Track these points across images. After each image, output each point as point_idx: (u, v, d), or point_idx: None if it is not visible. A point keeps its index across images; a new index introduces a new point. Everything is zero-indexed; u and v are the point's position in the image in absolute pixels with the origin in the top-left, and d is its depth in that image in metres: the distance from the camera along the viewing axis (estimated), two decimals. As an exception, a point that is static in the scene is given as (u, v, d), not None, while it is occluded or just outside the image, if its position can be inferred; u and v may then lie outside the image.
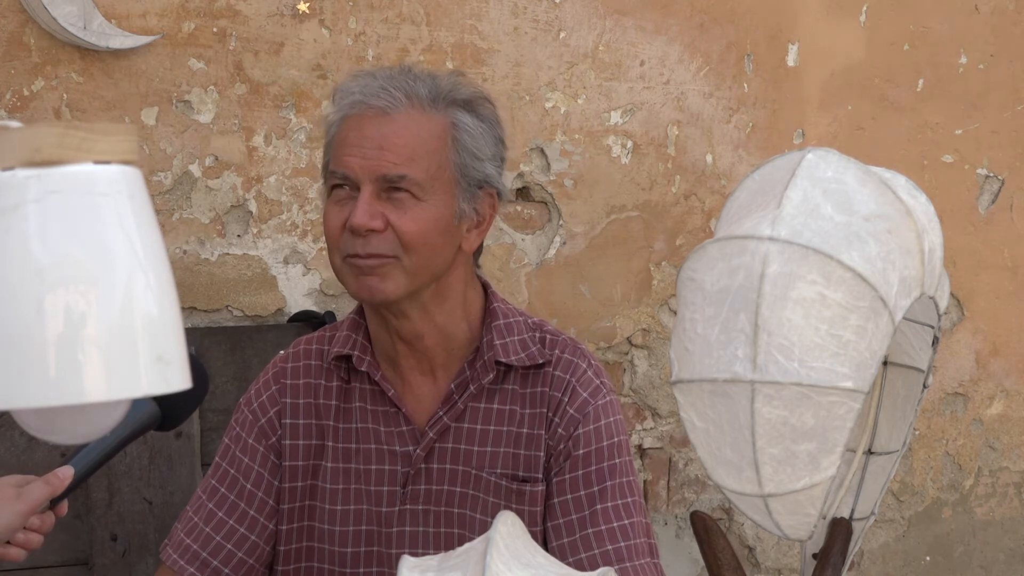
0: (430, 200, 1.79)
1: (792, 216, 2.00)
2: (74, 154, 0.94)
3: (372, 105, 1.79)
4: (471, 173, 1.83)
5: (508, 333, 1.91)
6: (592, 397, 1.90)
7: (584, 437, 1.88)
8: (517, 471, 1.89)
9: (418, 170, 1.78)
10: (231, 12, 2.57)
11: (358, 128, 1.80)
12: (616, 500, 1.87)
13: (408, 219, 1.78)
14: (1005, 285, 3.30)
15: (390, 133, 1.78)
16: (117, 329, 0.93)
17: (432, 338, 1.88)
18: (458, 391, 1.89)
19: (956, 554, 3.34)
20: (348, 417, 1.92)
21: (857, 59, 3.07)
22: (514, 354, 1.89)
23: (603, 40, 2.86)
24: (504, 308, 1.94)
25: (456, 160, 1.81)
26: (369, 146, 1.78)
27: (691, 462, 3.04)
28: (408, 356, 1.90)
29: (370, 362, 1.90)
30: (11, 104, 2.45)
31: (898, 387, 2.37)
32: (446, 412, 1.89)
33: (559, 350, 1.92)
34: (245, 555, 1.91)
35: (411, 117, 1.79)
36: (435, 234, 1.80)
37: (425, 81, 1.82)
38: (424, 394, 1.91)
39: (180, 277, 2.48)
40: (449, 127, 1.81)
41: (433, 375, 1.91)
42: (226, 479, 1.94)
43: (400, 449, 1.90)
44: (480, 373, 1.88)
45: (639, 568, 1.84)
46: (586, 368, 1.92)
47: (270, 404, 1.94)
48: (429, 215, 1.79)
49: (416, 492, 1.90)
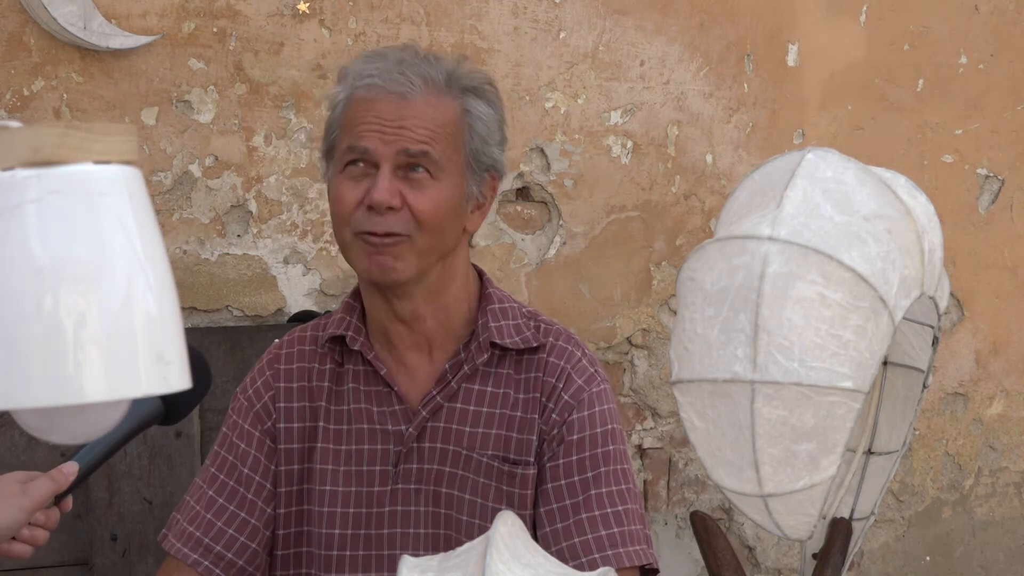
0: (445, 181, 1.82)
1: (792, 216, 2.00)
2: (74, 154, 0.95)
3: (390, 90, 1.81)
4: (481, 158, 1.86)
5: (503, 317, 1.93)
6: (587, 384, 1.91)
7: (578, 423, 1.89)
8: (508, 453, 1.89)
9: (437, 149, 1.81)
10: (231, 12, 2.57)
11: (373, 108, 1.82)
12: (610, 486, 1.87)
13: (424, 198, 1.80)
14: (1005, 285, 3.30)
15: (409, 114, 1.80)
16: (117, 329, 0.93)
17: (435, 319, 1.90)
18: (452, 371, 1.90)
19: (956, 554, 3.34)
20: (341, 399, 1.93)
21: (857, 59, 3.07)
22: (508, 337, 1.91)
23: (603, 40, 2.86)
24: (499, 294, 1.96)
25: (470, 145, 1.85)
26: (389, 125, 1.80)
27: (691, 462, 3.04)
28: (406, 337, 1.91)
29: (363, 342, 1.91)
30: (11, 104, 2.45)
31: (898, 387, 2.37)
32: (439, 392, 1.90)
33: (553, 337, 1.94)
34: (247, 540, 1.92)
35: (428, 102, 1.82)
36: (447, 215, 1.83)
37: (437, 65, 1.85)
38: (419, 374, 1.92)
39: (180, 277, 2.48)
40: (463, 113, 1.85)
41: (430, 355, 1.92)
42: (225, 466, 1.95)
43: (392, 428, 1.91)
44: (475, 354, 1.90)
45: (632, 554, 1.84)
46: (580, 356, 1.93)
47: (264, 389, 1.96)
48: (443, 195, 1.82)
49: (408, 471, 1.90)
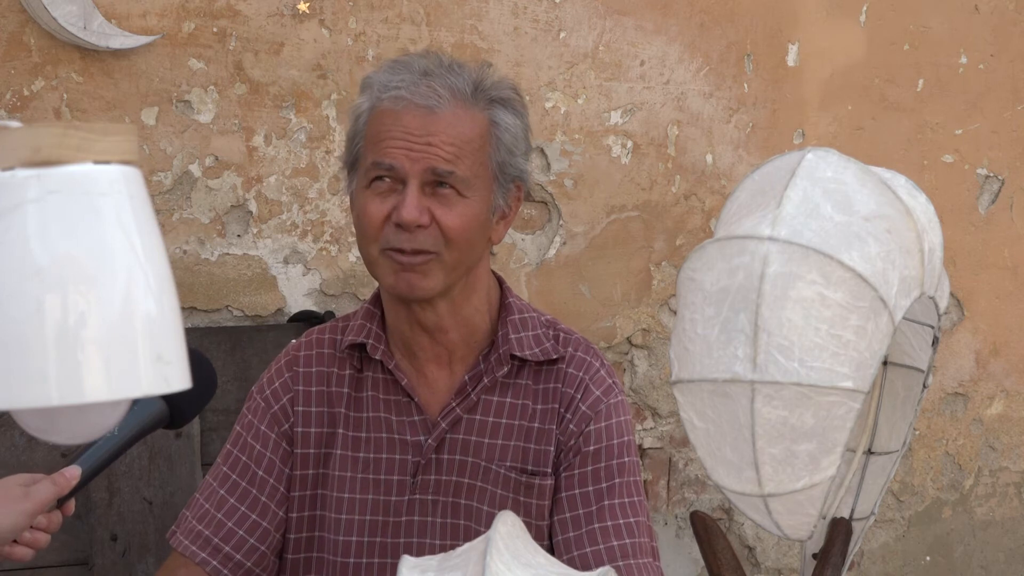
0: (473, 196, 1.81)
1: (792, 216, 2.00)
2: (74, 154, 0.94)
3: (417, 102, 1.78)
4: (508, 170, 1.85)
5: (523, 328, 1.92)
6: (605, 395, 1.92)
7: (595, 434, 1.89)
8: (526, 465, 1.90)
9: (464, 167, 1.79)
10: (231, 12, 2.57)
11: (399, 122, 1.79)
12: (623, 498, 1.88)
13: (453, 215, 1.79)
14: (1005, 285, 3.30)
15: (436, 130, 1.78)
16: (117, 329, 0.93)
17: (457, 332, 1.89)
18: (472, 383, 1.90)
19: (956, 554, 3.34)
20: (359, 406, 1.93)
21: (857, 59, 3.07)
22: (528, 349, 1.90)
23: (603, 40, 2.86)
24: (519, 304, 1.95)
25: (496, 158, 1.83)
26: (416, 140, 1.78)
27: (691, 462, 3.04)
28: (427, 348, 1.90)
29: (384, 351, 1.90)
30: (11, 104, 2.45)
31: (898, 387, 2.37)
32: (459, 403, 1.89)
33: (572, 348, 1.94)
34: (257, 541, 1.91)
35: (456, 115, 1.79)
36: (475, 229, 1.82)
37: (463, 76, 1.82)
38: (439, 385, 1.92)
39: (180, 277, 2.48)
40: (490, 125, 1.83)
41: (451, 367, 1.92)
42: (238, 465, 1.94)
43: (411, 439, 1.90)
44: (495, 366, 1.89)
45: (641, 567, 1.85)
46: (599, 367, 1.94)
47: (283, 391, 1.94)
48: (472, 211, 1.80)
49: (426, 482, 1.90)
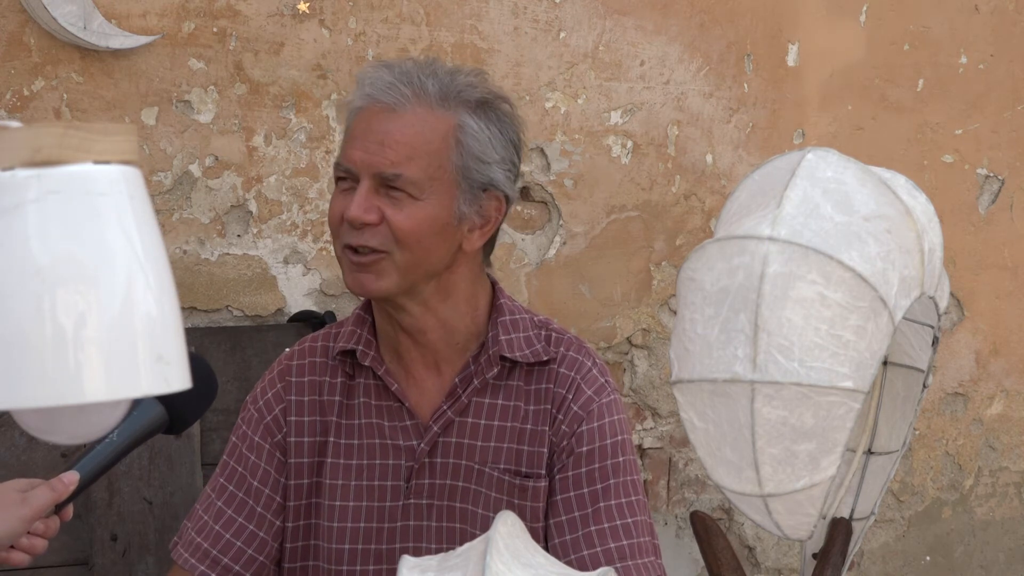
0: (427, 199, 1.81)
1: (792, 216, 2.00)
2: (74, 154, 0.94)
3: (380, 100, 1.82)
4: (474, 176, 1.83)
5: (514, 329, 1.91)
6: (597, 395, 1.91)
7: (588, 434, 1.89)
8: (520, 467, 1.89)
9: (415, 169, 1.79)
10: (231, 12, 2.57)
11: (366, 122, 1.83)
12: (619, 498, 1.88)
13: (403, 215, 1.80)
14: (1005, 285, 3.29)
15: (393, 130, 1.80)
16: (117, 329, 0.93)
17: (435, 332, 1.89)
18: (462, 385, 1.90)
19: (956, 554, 3.34)
20: (351, 413, 1.93)
21: (857, 59, 3.07)
22: (519, 350, 1.90)
23: (603, 40, 2.86)
24: (510, 305, 1.95)
25: (458, 162, 1.82)
26: (372, 140, 1.80)
27: (691, 462, 3.04)
28: (412, 349, 1.91)
29: (374, 357, 1.91)
30: (11, 104, 2.45)
31: (898, 387, 2.37)
32: (450, 406, 1.89)
33: (564, 348, 1.93)
34: (255, 552, 1.92)
35: (416, 115, 1.81)
36: (430, 233, 1.81)
37: (440, 78, 1.83)
38: (428, 388, 1.92)
39: (180, 277, 2.48)
40: (454, 128, 1.82)
41: (438, 369, 1.92)
42: (234, 477, 1.94)
43: (404, 443, 1.90)
44: (484, 367, 1.89)
45: (641, 567, 1.84)
46: (591, 366, 1.93)
47: (275, 402, 1.95)
48: (424, 214, 1.81)
49: (420, 486, 1.90)
